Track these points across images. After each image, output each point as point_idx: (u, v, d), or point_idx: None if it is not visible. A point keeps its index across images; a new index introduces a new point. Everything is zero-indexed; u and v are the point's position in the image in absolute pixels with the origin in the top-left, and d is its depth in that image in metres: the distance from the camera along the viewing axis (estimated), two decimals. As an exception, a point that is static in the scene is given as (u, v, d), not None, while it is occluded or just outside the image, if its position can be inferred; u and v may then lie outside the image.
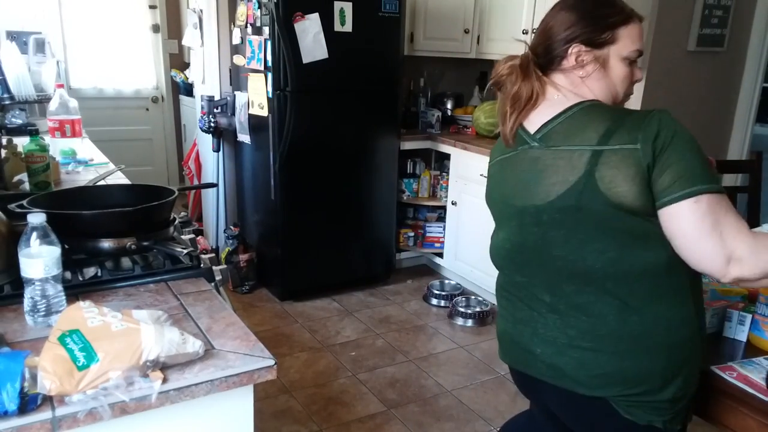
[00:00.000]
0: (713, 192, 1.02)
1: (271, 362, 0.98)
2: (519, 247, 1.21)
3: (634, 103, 3.17)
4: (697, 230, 1.01)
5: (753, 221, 2.43)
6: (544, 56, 1.19)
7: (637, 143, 1.03)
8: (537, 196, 1.14)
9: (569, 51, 1.15)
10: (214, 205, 3.79)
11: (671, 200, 1.02)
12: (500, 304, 1.33)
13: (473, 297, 3.43)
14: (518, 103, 1.17)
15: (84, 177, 2.24)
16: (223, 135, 3.66)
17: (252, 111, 3.30)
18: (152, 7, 5.02)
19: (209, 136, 3.65)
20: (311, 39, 3.05)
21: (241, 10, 3.26)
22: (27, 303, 1.05)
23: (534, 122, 1.17)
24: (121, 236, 1.28)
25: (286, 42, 2.97)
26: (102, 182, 2.08)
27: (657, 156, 1.02)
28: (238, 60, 3.39)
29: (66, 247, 1.14)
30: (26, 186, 1.97)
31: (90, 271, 1.27)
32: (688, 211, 1.01)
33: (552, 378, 1.19)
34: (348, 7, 3.10)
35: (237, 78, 3.49)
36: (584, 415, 1.21)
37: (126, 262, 1.33)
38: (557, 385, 1.19)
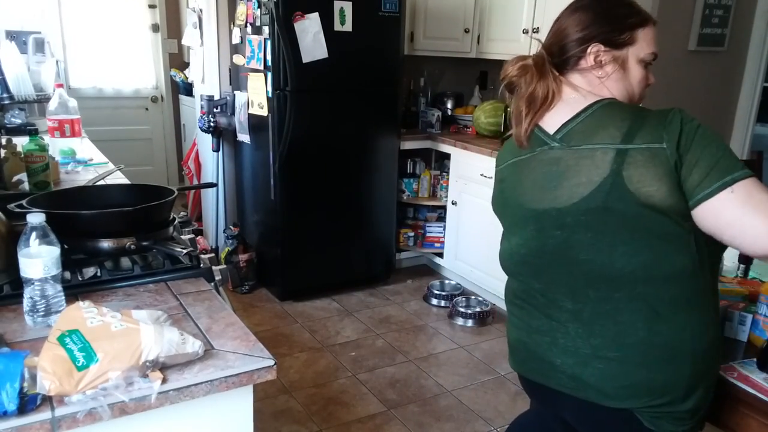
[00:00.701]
0: (746, 177, 1.00)
1: (271, 362, 0.98)
2: (537, 252, 1.16)
3: (634, 102, 3.16)
4: (744, 215, 0.98)
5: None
6: (559, 56, 1.17)
7: (663, 142, 1.01)
8: (559, 198, 1.10)
9: (588, 51, 1.14)
10: (213, 204, 3.79)
11: (706, 195, 1.00)
12: (512, 312, 1.27)
13: (473, 297, 3.42)
14: (534, 103, 1.14)
15: (83, 177, 2.24)
16: (222, 135, 3.66)
17: (252, 111, 3.30)
18: (152, 6, 5.02)
19: (209, 136, 3.65)
20: (311, 38, 3.04)
21: (241, 9, 3.26)
22: (26, 303, 1.05)
23: (551, 123, 1.14)
24: (120, 236, 1.28)
25: (285, 41, 2.96)
26: (101, 182, 2.07)
27: (683, 154, 1.00)
28: (238, 59, 3.39)
29: (65, 247, 1.14)
30: (25, 186, 1.97)
31: (89, 271, 1.27)
32: (727, 201, 0.99)
33: (573, 389, 1.15)
34: (348, 7, 3.10)
35: (237, 77, 3.48)
36: (606, 427, 1.18)
37: (125, 262, 1.33)
38: (578, 397, 1.15)
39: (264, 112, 3.19)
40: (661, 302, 1.06)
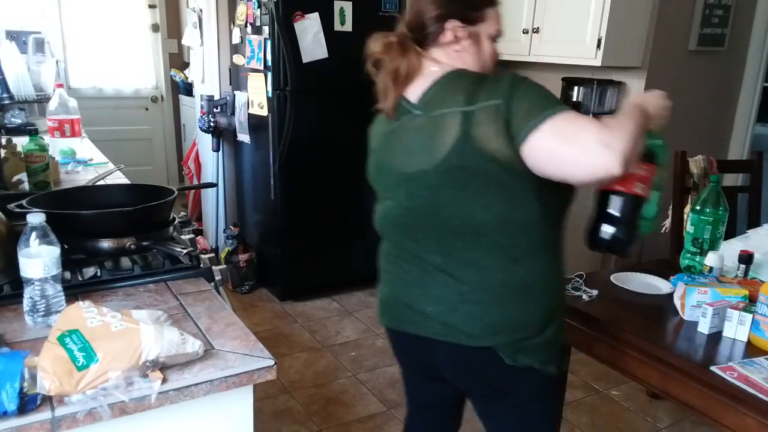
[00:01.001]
0: (557, 113, 1.08)
1: (271, 362, 0.98)
2: (409, 212, 1.27)
3: (634, 102, 3.16)
4: (557, 146, 1.07)
5: (753, 221, 2.43)
6: (419, 32, 1.27)
7: (498, 99, 1.11)
8: (424, 161, 1.21)
9: (446, 27, 1.24)
10: (213, 204, 3.79)
11: (522, 137, 1.09)
12: (386, 269, 1.39)
13: (473, 297, 3.42)
14: (398, 77, 1.25)
15: (83, 177, 2.24)
16: (222, 135, 3.66)
17: (252, 111, 3.30)
18: (152, 6, 5.02)
19: (209, 136, 3.65)
20: (311, 38, 3.04)
21: (241, 9, 3.26)
22: (26, 303, 1.05)
23: (414, 93, 1.25)
24: (120, 236, 1.28)
25: (285, 41, 2.96)
26: (101, 182, 2.07)
27: (511, 106, 1.10)
28: (238, 59, 3.39)
29: (65, 247, 1.14)
30: (26, 186, 1.97)
31: (89, 271, 1.27)
32: (540, 138, 1.08)
33: (443, 335, 1.26)
34: (348, 7, 3.10)
35: (237, 77, 3.48)
36: (472, 367, 1.30)
37: (125, 262, 1.33)
38: (448, 341, 1.26)
39: (264, 112, 3.18)
40: (516, 248, 1.19)
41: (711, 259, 1.67)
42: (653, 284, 1.75)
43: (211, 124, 3.54)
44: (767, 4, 3.33)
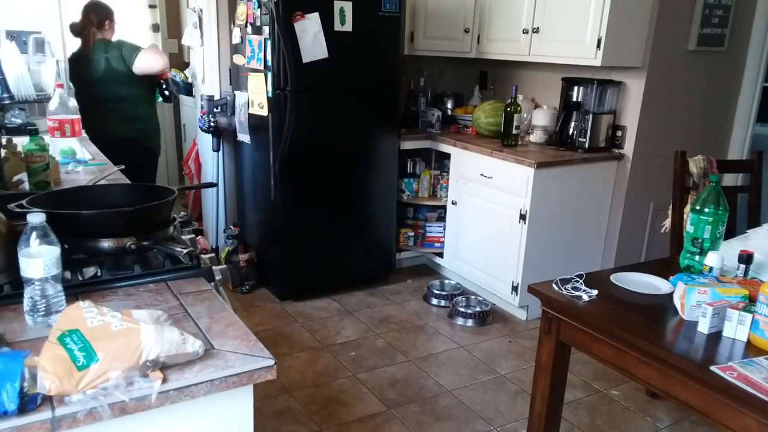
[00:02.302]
0: (143, 49, 3.45)
1: (271, 362, 0.98)
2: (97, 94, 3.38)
3: (635, 102, 3.17)
4: (148, 59, 3.54)
5: (753, 221, 2.43)
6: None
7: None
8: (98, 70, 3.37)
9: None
10: (213, 204, 3.79)
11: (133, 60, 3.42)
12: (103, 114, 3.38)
13: (473, 297, 3.42)
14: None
15: (83, 177, 2.24)
16: (222, 135, 3.66)
17: (252, 111, 3.30)
18: (152, 6, 5.02)
19: (209, 136, 3.65)
20: (311, 38, 3.04)
21: (241, 9, 3.26)
22: (27, 303, 1.05)
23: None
24: (120, 236, 1.28)
25: (285, 41, 2.96)
26: (102, 182, 2.07)
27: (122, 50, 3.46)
28: (238, 59, 3.39)
29: (66, 246, 1.14)
30: (26, 186, 1.97)
31: (90, 271, 1.27)
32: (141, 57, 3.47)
33: (122, 134, 3.30)
34: (348, 7, 3.10)
35: (237, 77, 3.48)
36: (130, 153, 2.89)
37: (126, 261, 1.33)
38: (127, 137, 3.33)
39: (264, 112, 3.18)
40: (140, 101, 3.50)
41: (711, 259, 1.67)
42: (653, 284, 1.75)
43: (212, 124, 3.54)
44: (767, 4, 3.33)
